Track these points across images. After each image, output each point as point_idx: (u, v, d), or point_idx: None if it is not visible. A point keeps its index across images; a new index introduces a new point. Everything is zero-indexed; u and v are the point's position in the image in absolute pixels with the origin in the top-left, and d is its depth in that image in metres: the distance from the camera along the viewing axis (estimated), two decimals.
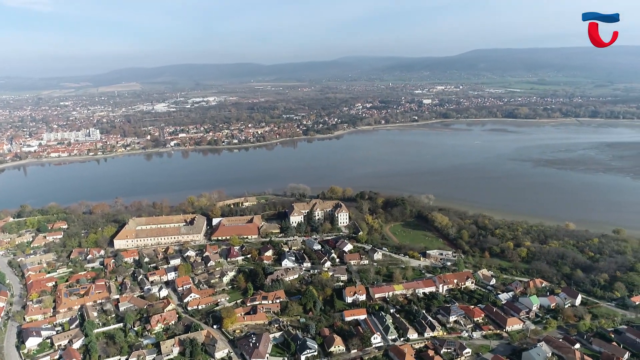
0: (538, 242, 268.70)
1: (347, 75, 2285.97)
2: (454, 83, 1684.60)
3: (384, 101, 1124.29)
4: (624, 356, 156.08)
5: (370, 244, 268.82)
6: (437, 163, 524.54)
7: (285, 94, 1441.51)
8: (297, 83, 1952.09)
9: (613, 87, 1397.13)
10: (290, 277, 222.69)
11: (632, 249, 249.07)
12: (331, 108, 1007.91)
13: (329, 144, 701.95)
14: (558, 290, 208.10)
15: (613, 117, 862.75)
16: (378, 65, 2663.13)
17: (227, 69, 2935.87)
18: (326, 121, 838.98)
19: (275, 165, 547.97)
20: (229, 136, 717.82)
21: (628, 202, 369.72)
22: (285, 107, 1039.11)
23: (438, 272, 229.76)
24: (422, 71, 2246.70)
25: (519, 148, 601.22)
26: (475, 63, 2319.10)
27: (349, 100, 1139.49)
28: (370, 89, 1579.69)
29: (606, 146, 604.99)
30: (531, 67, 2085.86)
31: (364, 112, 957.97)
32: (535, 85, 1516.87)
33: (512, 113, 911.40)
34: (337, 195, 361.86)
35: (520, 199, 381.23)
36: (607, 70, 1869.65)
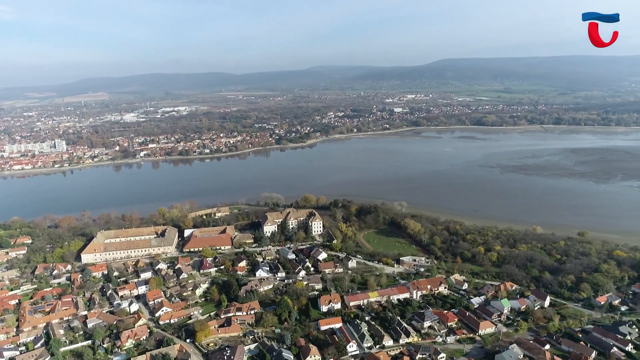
0: (508, 246, 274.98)
1: (319, 85, 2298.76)
2: (424, 92, 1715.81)
3: (355, 110, 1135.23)
4: (591, 355, 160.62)
5: (345, 252, 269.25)
6: (409, 170, 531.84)
7: (257, 104, 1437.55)
8: (269, 92, 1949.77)
9: (574, 95, 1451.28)
10: (265, 287, 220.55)
11: (596, 251, 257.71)
12: (303, 117, 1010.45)
13: (302, 152, 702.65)
14: (528, 293, 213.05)
15: (575, 124, 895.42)
16: (349, 75, 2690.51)
17: (198, 78, 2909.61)
18: (299, 130, 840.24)
19: (248, 174, 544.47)
20: (200, 146, 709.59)
21: (591, 206, 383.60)
22: (257, 117, 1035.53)
23: (412, 278, 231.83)
24: (393, 80, 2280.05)
25: (487, 155, 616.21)
26: (444, 72, 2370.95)
27: (321, 109, 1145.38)
28: (342, 97, 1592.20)
29: (570, 152, 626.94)
30: (497, 76, 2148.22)
31: (336, 120, 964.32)
32: (501, 94, 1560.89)
33: (480, 121, 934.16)
34: (310, 204, 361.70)
35: (490, 204, 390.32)
36: (569, 79, 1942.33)
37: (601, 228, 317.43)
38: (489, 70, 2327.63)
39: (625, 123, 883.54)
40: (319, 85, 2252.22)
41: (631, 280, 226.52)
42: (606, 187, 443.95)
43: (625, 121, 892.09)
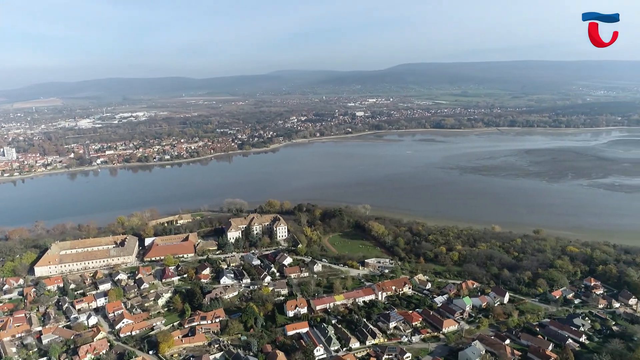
0: (468, 245, 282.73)
1: (281, 89, 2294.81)
2: (385, 96, 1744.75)
3: (318, 114, 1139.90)
4: (548, 348, 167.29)
5: (310, 256, 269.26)
6: (372, 173, 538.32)
7: (218, 108, 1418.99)
8: (231, 97, 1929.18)
9: (527, 98, 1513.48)
10: (230, 294, 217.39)
11: (550, 247, 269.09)
12: (266, 122, 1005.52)
13: (265, 157, 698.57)
14: (488, 290, 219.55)
15: (529, 126, 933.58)
16: (311, 79, 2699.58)
17: (157, 82, 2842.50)
18: (261, 135, 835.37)
19: (210, 180, 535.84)
20: (160, 152, 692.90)
21: (545, 204, 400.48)
22: (219, 122, 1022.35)
23: (377, 280, 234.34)
24: (354, 84, 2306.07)
25: (447, 157, 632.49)
26: (404, 76, 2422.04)
27: (283, 113, 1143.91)
28: (304, 102, 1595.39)
29: (524, 153, 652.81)
30: (455, 80, 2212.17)
31: (299, 125, 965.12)
32: (459, 97, 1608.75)
33: (439, 124, 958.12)
34: (275, 208, 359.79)
35: (450, 205, 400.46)
36: (521, 82, 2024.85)
37: (555, 225, 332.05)
38: (446, 75, 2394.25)
39: (574, 125, 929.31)
40: (281, 90, 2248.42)
41: (583, 274, 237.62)
42: (558, 186, 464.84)
43: (574, 123, 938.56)
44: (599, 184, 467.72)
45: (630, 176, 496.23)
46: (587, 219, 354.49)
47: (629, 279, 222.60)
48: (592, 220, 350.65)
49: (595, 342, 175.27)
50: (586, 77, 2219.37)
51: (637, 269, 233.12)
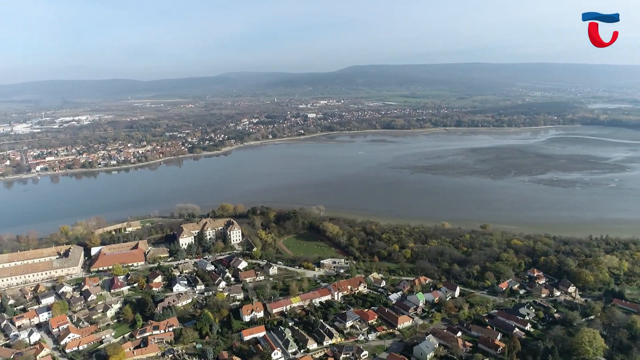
0: (420, 242, 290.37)
1: (231, 91, 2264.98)
2: (336, 97, 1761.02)
3: (270, 116, 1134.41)
4: (497, 337, 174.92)
5: (265, 259, 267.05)
6: (325, 174, 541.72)
7: (167, 111, 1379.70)
8: (180, 99, 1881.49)
9: (472, 99, 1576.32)
10: (183, 302, 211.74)
11: (497, 241, 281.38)
12: (217, 124, 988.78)
13: (217, 160, 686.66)
14: (440, 285, 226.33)
15: (474, 126, 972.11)
16: (262, 81, 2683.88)
17: (100, 85, 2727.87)
18: (212, 138, 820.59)
19: (160, 186, 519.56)
20: (106, 157, 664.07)
21: (490, 200, 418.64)
22: (167, 125, 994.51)
23: (332, 280, 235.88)
24: (305, 86, 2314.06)
25: (397, 157, 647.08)
26: (354, 78, 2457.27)
27: (235, 116, 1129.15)
28: (255, 104, 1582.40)
29: (470, 151, 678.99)
30: (403, 82, 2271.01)
31: (250, 127, 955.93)
32: (408, 99, 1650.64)
33: (389, 124, 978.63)
34: (228, 212, 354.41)
35: (402, 204, 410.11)
36: (466, 84, 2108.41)
37: (500, 220, 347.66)
38: (395, 77, 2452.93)
39: (515, 124, 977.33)
40: (232, 92, 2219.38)
41: (527, 266, 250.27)
42: (502, 183, 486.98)
43: (515, 122, 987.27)
44: (539, 179, 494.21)
45: (566, 172, 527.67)
46: (529, 213, 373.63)
47: (568, 268, 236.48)
48: (534, 214, 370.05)
49: (539, 330, 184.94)
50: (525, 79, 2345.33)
51: (575, 258, 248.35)
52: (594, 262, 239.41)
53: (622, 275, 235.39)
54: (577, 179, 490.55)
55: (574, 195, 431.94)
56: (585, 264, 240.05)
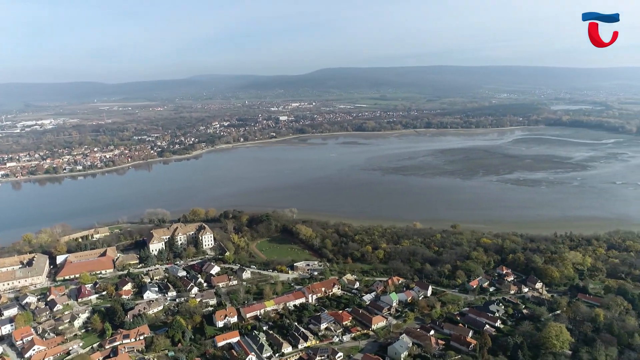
0: (392, 243, 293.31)
1: (201, 94, 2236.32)
2: (307, 100, 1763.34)
3: (241, 119, 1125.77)
4: (468, 334, 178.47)
5: (238, 264, 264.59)
6: (297, 177, 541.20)
7: (135, 115, 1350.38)
8: (148, 102, 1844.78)
9: (440, 101, 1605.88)
10: (154, 309, 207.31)
11: (467, 240, 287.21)
12: (187, 127, 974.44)
13: (187, 164, 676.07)
14: (412, 285, 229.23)
15: (443, 127, 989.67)
16: (233, 84, 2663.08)
17: (65, 88, 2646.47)
18: (183, 141, 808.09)
19: (129, 191, 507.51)
20: (71, 162, 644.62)
21: (460, 200, 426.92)
22: (136, 128, 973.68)
23: (306, 282, 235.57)
24: (277, 89, 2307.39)
25: (369, 158, 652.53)
26: (325, 81, 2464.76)
27: (205, 119, 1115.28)
28: (226, 107, 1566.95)
29: (440, 153, 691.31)
30: (374, 85, 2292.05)
31: (221, 130, 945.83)
32: (378, 101, 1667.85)
33: (360, 126, 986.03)
34: (199, 217, 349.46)
35: (375, 205, 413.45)
36: (435, 86, 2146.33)
37: (469, 219, 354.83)
38: (365, 79, 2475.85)
39: (482, 125, 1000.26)
40: (202, 95, 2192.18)
41: (496, 263, 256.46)
42: (471, 183, 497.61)
43: (483, 124, 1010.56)
44: (506, 179, 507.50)
45: (532, 171, 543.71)
46: (498, 212, 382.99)
47: (534, 265, 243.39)
48: (502, 213, 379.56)
49: (509, 326, 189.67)
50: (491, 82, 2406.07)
51: (541, 255, 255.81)
52: (559, 258, 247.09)
53: (586, 271, 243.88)
54: (542, 178, 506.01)
55: (540, 194, 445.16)
56: (551, 260, 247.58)
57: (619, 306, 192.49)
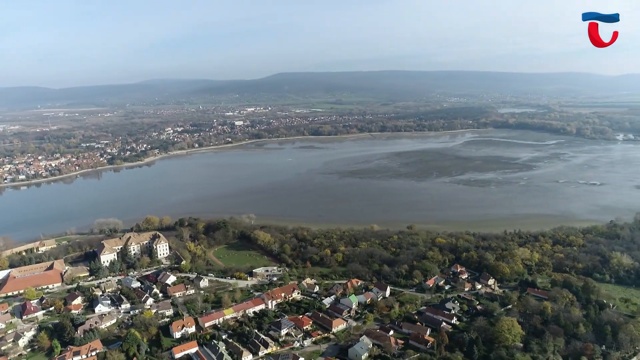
0: (351, 245, 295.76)
1: (153, 99, 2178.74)
2: (263, 105, 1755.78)
3: (195, 124, 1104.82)
4: (426, 333, 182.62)
5: (195, 272, 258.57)
6: (255, 182, 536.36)
7: (82, 121, 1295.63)
8: (97, 108, 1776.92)
9: (394, 105, 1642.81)
10: (107, 323, 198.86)
11: (422, 241, 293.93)
12: (139, 134, 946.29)
13: (139, 172, 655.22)
14: (371, 286, 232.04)
15: (397, 131, 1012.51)
16: (186, 89, 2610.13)
17: (5, 93, 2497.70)
18: (134, 148, 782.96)
19: (77, 200, 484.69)
20: (13, 172, 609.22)
21: (415, 201, 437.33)
22: (84, 135, 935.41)
23: (266, 289, 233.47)
24: (232, 94, 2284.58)
25: (326, 162, 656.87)
26: (281, 85, 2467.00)
27: (158, 124, 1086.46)
28: (180, 112, 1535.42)
29: (395, 155, 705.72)
30: (329, 89, 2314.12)
31: (175, 136, 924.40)
32: (334, 105, 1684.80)
33: (317, 131, 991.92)
34: (154, 225, 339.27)
35: (332, 209, 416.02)
36: (388, 91, 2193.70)
37: (425, 220, 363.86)
38: (321, 84, 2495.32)
39: (435, 128, 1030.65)
40: (154, 100, 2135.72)
41: (451, 262, 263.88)
42: (425, 184, 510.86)
43: (435, 127, 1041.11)
44: (458, 180, 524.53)
45: (482, 172, 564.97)
46: (451, 212, 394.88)
47: (487, 262, 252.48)
48: (455, 213, 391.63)
49: (464, 322, 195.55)
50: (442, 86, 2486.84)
51: (493, 253, 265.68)
52: (509, 255, 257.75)
53: (534, 266, 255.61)
54: (492, 179, 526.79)
55: (490, 193, 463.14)
56: (501, 257, 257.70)
57: (564, 298, 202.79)
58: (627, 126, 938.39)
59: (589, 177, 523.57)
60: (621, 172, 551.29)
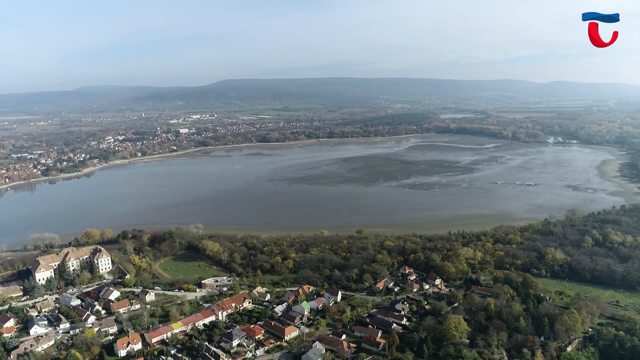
0: (301, 252, 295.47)
1: (92, 107, 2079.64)
2: (209, 112, 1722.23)
3: (138, 132, 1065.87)
4: (378, 335, 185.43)
5: (141, 286, 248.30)
6: (202, 191, 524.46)
7: (12, 130, 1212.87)
8: (29, 116, 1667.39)
9: (341, 111, 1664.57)
10: (44, 345, 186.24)
11: (371, 244, 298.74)
12: (76, 143, 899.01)
13: (78, 183, 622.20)
14: (323, 292, 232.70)
15: (344, 137, 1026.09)
16: (127, 96, 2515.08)
17: None
18: (72, 158, 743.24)
19: (7, 215, 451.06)
20: None
21: (364, 206, 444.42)
22: (14, 145, 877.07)
23: (216, 299, 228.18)
24: (176, 101, 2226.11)
25: (275, 169, 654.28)
26: (227, 92, 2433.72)
27: (97, 133, 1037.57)
28: (121, 120, 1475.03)
29: (343, 161, 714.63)
30: (276, 96, 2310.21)
31: (116, 145, 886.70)
32: (281, 112, 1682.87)
33: (265, 138, 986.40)
34: (94, 239, 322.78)
35: (282, 215, 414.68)
36: (335, 97, 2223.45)
37: (373, 224, 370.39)
38: (268, 90, 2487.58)
39: (380, 134, 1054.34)
40: (93, 107, 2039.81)
41: (399, 264, 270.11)
42: (373, 189, 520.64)
43: (381, 132, 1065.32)
44: (404, 184, 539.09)
45: (427, 175, 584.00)
46: (398, 215, 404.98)
47: (433, 262, 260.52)
48: (402, 216, 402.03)
49: (414, 322, 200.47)
50: (386, 92, 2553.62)
51: (439, 253, 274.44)
52: (454, 255, 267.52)
53: (477, 264, 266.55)
54: (436, 182, 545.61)
55: (434, 196, 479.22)
56: (447, 257, 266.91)
57: (506, 294, 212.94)
58: (557, 130, 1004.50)
59: (525, 178, 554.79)
60: (553, 172, 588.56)
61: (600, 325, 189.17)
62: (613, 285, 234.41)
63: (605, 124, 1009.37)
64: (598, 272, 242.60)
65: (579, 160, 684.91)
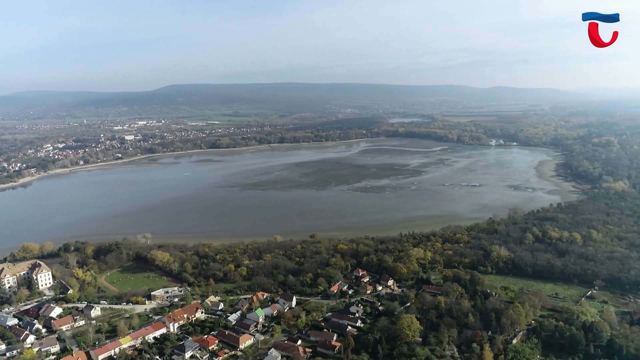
0: (255, 258, 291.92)
1: (27, 113, 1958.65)
2: (156, 117, 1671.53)
3: (79, 140, 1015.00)
4: (333, 338, 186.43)
5: (85, 301, 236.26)
6: (150, 199, 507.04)
7: None
8: None
9: (292, 116, 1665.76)
10: None
11: (325, 248, 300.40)
12: (10, 151, 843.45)
13: (13, 194, 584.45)
14: (277, 298, 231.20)
15: (296, 142, 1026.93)
16: (67, 101, 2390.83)
17: None
18: (6, 168, 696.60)
19: None
20: None
21: (316, 210, 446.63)
22: None
23: (167, 311, 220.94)
24: (120, 106, 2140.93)
25: (226, 175, 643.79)
26: (174, 97, 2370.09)
27: (34, 141, 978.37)
28: (60, 127, 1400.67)
29: (295, 166, 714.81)
30: (226, 101, 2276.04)
31: (56, 153, 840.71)
32: (231, 118, 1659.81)
33: (215, 144, 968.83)
34: (33, 254, 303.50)
35: (234, 222, 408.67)
36: (285, 102, 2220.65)
37: (326, 228, 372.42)
38: (217, 96, 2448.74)
39: (331, 138, 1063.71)
40: (29, 114, 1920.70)
41: (353, 267, 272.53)
42: (325, 193, 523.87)
43: (332, 137, 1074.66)
44: (355, 187, 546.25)
45: (377, 179, 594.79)
46: (351, 219, 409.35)
47: (386, 264, 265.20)
48: (354, 219, 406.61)
49: (368, 324, 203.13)
50: (336, 97, 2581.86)
51: (391, 255, 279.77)
52: (405, 255, 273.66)
53: (428, 264, 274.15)
54: (386, 185, 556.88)
55: (385, 199, 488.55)
56: (399, 258, 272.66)
57: (455, 292, 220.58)
58: (498, 132, 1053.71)
59: (470, 179, 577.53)
60: (495, 173, 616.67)
61: (542, 317, 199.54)
62: (552, 278, 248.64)
63: (541, 126, 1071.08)
64: (539, 266, 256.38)
65: (518, 162, 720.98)
